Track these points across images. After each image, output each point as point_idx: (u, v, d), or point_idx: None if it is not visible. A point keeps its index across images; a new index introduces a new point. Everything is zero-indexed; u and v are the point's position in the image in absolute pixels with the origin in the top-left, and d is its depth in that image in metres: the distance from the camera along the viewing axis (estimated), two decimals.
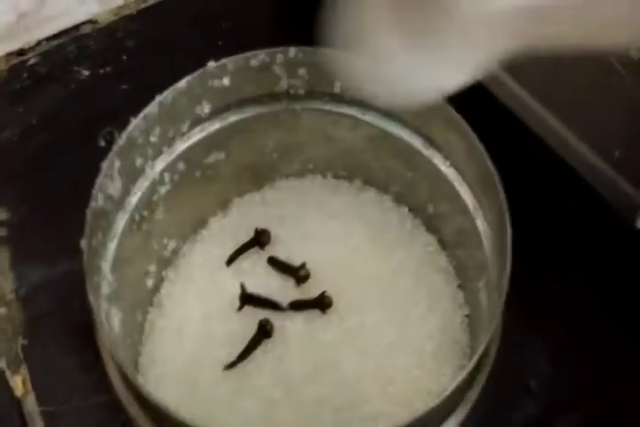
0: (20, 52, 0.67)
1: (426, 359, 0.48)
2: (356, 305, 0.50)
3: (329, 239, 0.52)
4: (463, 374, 0.37)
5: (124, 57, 0.67)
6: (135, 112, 0.46)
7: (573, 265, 0.56)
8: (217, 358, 0.48)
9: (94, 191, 0.43)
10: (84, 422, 0.52)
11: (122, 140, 0.45)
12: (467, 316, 0.50)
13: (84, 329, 0.53)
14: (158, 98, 0.46)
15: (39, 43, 0.68)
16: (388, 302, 0.50)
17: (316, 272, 0.51)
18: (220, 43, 0.67)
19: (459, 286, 0.52)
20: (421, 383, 0.47)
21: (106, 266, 0.45)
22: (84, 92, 0.65)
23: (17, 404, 0.52)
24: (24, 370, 0.53)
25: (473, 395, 0.41)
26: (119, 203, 0.47)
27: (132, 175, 0.47)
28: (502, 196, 0.42)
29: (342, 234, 0.53)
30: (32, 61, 0.67)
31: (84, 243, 0.42)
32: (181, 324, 0.50)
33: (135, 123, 0.46)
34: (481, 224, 0.47)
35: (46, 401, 0.52)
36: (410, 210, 0.54)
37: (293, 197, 0.55)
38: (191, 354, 0.49)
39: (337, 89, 0.49)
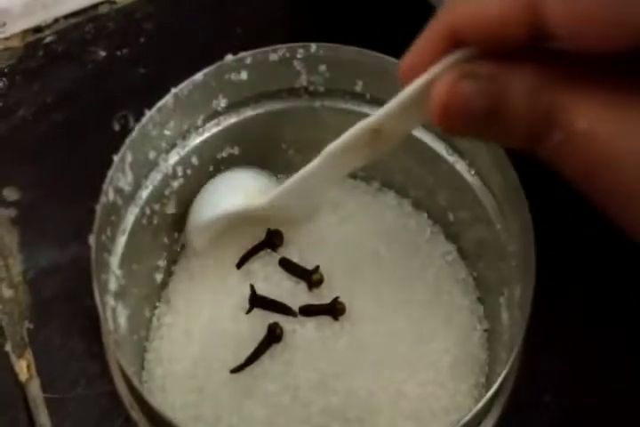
0: (37, 30, 0.66)
1: (441, 374, 0.47)
2: (369, 313, 0.49)
3: (344, 242, 0.51)
4: (480, 404, 0.36)
5: (142, 39, 0.66)
6: (151, 97, 0.45)
7: (594, 279, 0.55)
8: (224, 359, 0.47)
9: (105, 186, 0.42)
10: (88, 411, 0.51)
11: (135, 133, 0.44)
12: (485, 330, 0.49)
13: (91, 315, 0.53)
14: (174, 90, 0.45)
15: (56, 20, 0.67)
16: (403, 312, 0.49)
17: (330, 276, 0.50)
18: (237, 29, 0.66)
19: (478, 299, 0.50)
20: (435, 399, 0.46)
21: (114, 262, 0.44)
22: (100, 73, 0.64)
23: (21, 389, 0.52)
24: (29, 355, 0.53)
25: (492, 418, 0.41)
26: (130, 197, 0.46)
27: (144, 168, 0.46)
28: (527, 211, 0.41)
29: (358, 237, 0.51)
30: (48, 39, 0.66)
31: (92, 239, 0.41)
32: (189, 322, 0.49)
33: (149, 115, 0.45)
34: (504, 236, 0.45)
35: (51, 388, 0.52)
36: (429, 216, 0.53)
37: None
38: (198, 354, 0.48)
39: (358, 88, 0.48)
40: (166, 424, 0.36)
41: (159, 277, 0.50)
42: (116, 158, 0.43)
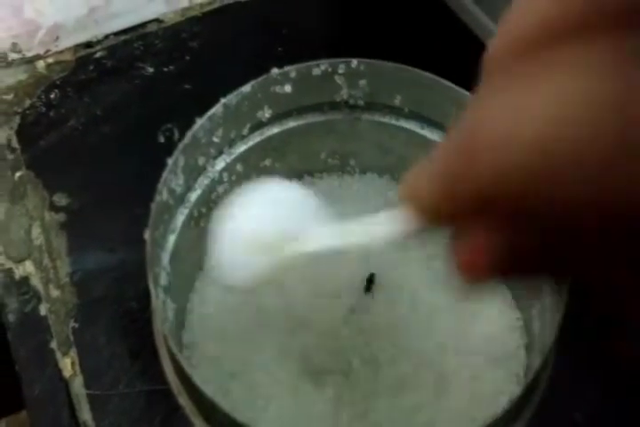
0: (88, 45, 0.69)
1: (478, 382, 0.48)
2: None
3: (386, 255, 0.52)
4: (510, 403, 0.37)
5: (188, 57, 0.69)
6: (195, 111, 0.48)
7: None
8: (259, 350, 0.49)
9: (159, 186, 0.45)
10: (128, 409, 0.53)
11: (187, 138, 0.46)
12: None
13: (134, 317, 0.55)
14: (223, 100, 0.48)
15: (107, 37, 0.70)
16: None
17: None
18: (279, 49, 0.69)
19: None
20: (472, 405, 0.47)
21: (165, 258, 0.47)
22: (147, 89, 0.67)
23: (65, 385, 0.54)
24: (73, 353, 0.55)
25: (521, 423, 0.41)
26: (180, 198, 0.48)
27: (194, 173, 0.49)
28: None
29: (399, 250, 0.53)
30: (99, 55, 0.69)
31: (147, 234, 0.43)
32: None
33: (200, 123, 0.47)
34: None
35: (93, 385, 0.53)
36: None
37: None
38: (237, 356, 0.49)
39: (397, 102, 0.50)
40: (212, 407, 0.38)
41: None
42: (169, 161, 0.46)
